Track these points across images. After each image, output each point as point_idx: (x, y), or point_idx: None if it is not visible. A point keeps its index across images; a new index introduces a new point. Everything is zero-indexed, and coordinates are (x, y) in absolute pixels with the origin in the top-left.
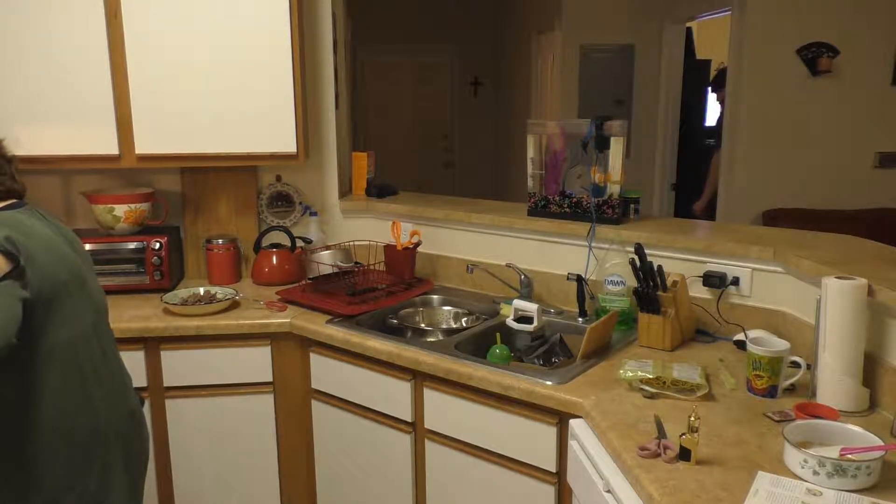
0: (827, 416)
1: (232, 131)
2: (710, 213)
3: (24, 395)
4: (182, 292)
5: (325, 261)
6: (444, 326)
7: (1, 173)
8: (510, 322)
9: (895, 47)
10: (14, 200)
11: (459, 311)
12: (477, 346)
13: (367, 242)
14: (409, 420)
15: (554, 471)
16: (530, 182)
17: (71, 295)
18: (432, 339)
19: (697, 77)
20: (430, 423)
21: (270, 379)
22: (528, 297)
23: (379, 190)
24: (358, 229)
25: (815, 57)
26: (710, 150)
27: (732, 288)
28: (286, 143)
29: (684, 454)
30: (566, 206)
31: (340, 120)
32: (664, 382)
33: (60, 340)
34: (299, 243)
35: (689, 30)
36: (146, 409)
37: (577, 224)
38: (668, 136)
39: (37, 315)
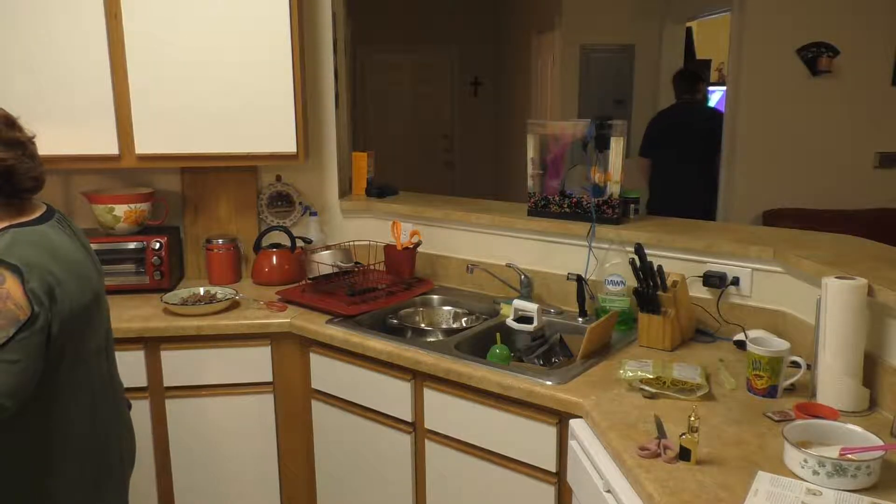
0: (827, 416)
1: (232, 131)
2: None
3: (46, 422)
4: (182, 292)
5: (325, 261)
6: (444, 326)
7: (30, 178)
8: (510, 322)
9: (895, 47)
10: (45, 207)
11: (459, 311)
12: (477, 346)
13: (367, 242)
14: (409, 420)
15: (554, 471)
16: (530, 182)
17: (91, 315)
18: (432, 339)
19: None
20: (430, 423)
21: (270, 379)
22: (528, 297)
23: (379, 190)
24: (358, 229)
25: (815, 57)
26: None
27: (732, 288)
28: (286, 143)
29: (684, 454)
30: (566, 206)
31: (340, 120)
32: (664, 382)
33: (79, 364)
34: (299, 243)
35: (689, 30)
36: (146, 409)
37: (577, 224)
38: None
39: (59, 342)
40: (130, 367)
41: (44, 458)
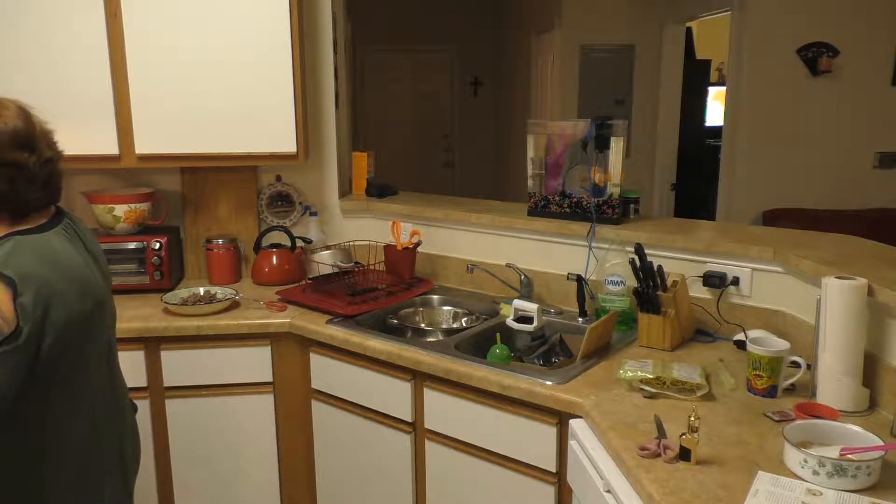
0: (827, 416)
1: (232, 131)
2: None
3: (41, 427)
4: (182, 292)
5: (325, 261)
6: (444, 326)
7: (44, 185)
8: (510, 322)
9: (895, 47)
10: (52, 210)
11: (459, 311)
12: (477, 346)
13: (367, 242)
14: (409, 420)
15: (554, 471)
16: (530, 182)
17: (92, 324)
18: (432, 339)
19: (697, 77)
20: (430, 423)
21: (270, 379)
22: (528, 297)
23: (379, 190)
24: (358, 229)
25: (815, 57)
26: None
27: (732, 288)
28: (286, 143)
29: (684, 454)
30: (566, 206)
31: (340, 120)
32: (664, 382)
33: (77, 371)
34: (299, 243)
35: (689, 30)
36: (146, 409)
37: (577, 224)
38: (668, 136)
39: (55, 352)
40: (130, 367)
41: (38, 462)
